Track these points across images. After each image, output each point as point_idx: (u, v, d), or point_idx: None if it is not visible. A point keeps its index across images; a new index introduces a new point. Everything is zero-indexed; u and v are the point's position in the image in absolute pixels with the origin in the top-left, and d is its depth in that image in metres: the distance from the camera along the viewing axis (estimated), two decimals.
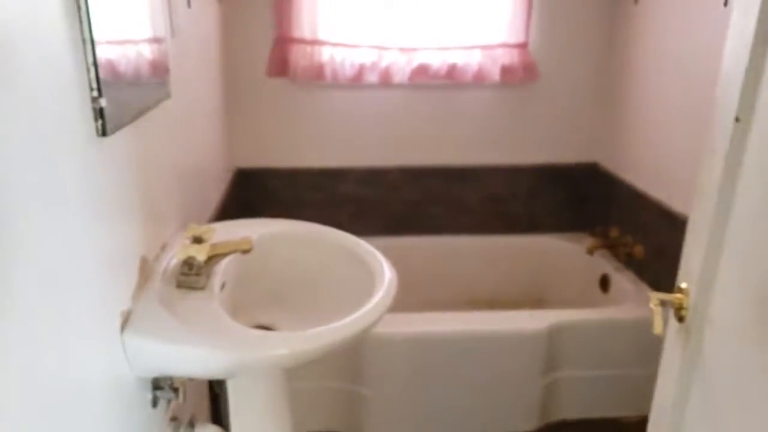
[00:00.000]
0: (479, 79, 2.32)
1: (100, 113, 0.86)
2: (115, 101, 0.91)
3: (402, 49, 2.26)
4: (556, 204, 2.60)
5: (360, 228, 2.50)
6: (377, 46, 2.24)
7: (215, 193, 1.97)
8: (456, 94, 2.40)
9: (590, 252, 2.32)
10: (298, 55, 2.20)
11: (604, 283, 2.34)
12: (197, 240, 1.19)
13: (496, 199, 2.56)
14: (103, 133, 0.87)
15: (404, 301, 2.63)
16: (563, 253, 2.57)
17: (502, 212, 2.58)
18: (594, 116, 2.49)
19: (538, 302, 2.62)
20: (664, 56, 2.07)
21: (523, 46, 2.31)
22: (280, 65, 2.21)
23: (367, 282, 1.27)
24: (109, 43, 0.90)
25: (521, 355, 1.92)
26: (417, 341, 1.89)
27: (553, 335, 1.92)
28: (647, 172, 2.19)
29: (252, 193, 2.42)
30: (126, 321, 0.98)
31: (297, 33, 2.18)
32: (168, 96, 1.28)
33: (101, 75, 0.85)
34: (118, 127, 0.94)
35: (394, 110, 2.38)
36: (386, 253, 2.58)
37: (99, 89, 0.85)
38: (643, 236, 2.19)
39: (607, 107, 2.45)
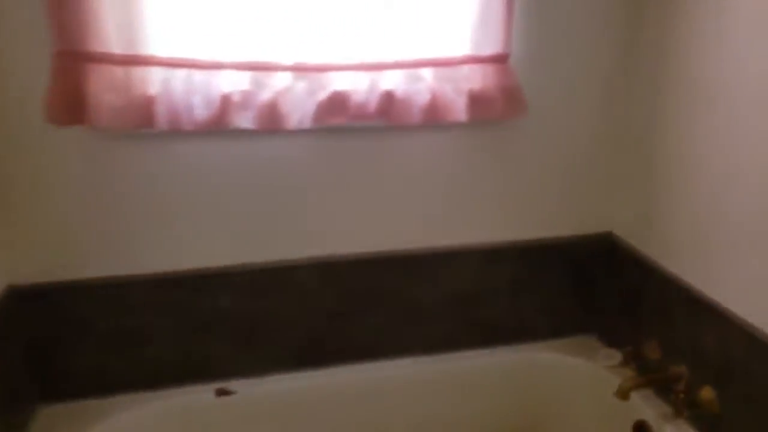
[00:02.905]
0: (433, 117, 1.39)
1: None
2: None
3: (299, 69, 1.30)
4: (555, 297, 1.71)
5: (248, 363, 1.52)
6: (253, 63, 1.27)
7: None
8: (396, 141, 1.46)
9: (623, 395, 1.41)
10: (103, 85, 1.19)
11: None
12: None
13: (465, 297, 1.64)
14: None
15: None
16: (570, 372, 1.68)
17: (475, 316, 1.66)
18: (608, 166, 1.61)
19: None
20: (729, 74, 1.21)
21: (501, 60, 1.39)
22: (70, 105, 1.19)
23: None
24: None
25: None
26: None
27: None
28: (702, 259, 1.33)
29: (43, 326, 1.37)
30: None
31: (96, 44, 1.17)
32: None
33: None
34: None
35: (292, 173, 1.41)
36: (296, 399, 1.60)
37: None
38: (709, 369, 1.32)
39: (628, 153, 1.58)
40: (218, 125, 1.26)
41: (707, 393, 1.32)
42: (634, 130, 1.55)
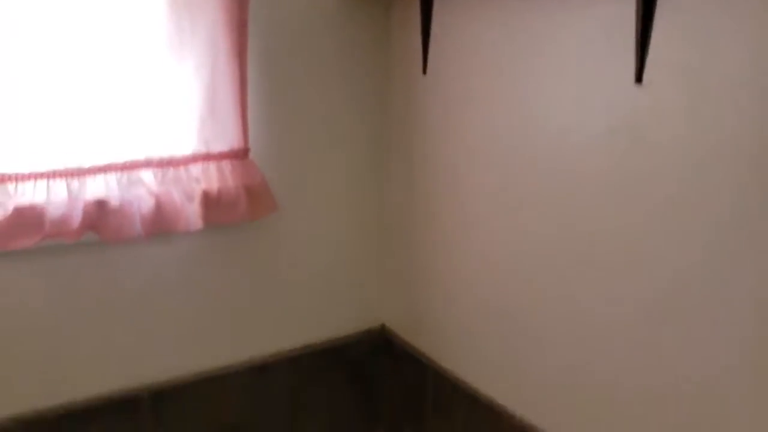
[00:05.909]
0: (159, 227, 1.16)
1: None
2: None
3: None
4: (335, 408, 1.54)
5: None
6: None
7: None
8: (115, 255, 1.19)
9: None
10: None
11: None
12: None
13: (232, 430, 1.38)
14: None
15: None
16: None
17: None
18: (373, 258, 1.53)
19: None
20: (480, 149, 1.22)
21: (239, 156, 1.24)
22: None
23: None
24: None
25: None
26: None
27: None
28: (476, 356, 1.28)
29: None
30: None
31: None
32: None
33: None
34: None
35: None
36: None
37: None
38: None
39: (391, 243, 1.51)
40: None
41: None
42: (394, 221, 1.49)
